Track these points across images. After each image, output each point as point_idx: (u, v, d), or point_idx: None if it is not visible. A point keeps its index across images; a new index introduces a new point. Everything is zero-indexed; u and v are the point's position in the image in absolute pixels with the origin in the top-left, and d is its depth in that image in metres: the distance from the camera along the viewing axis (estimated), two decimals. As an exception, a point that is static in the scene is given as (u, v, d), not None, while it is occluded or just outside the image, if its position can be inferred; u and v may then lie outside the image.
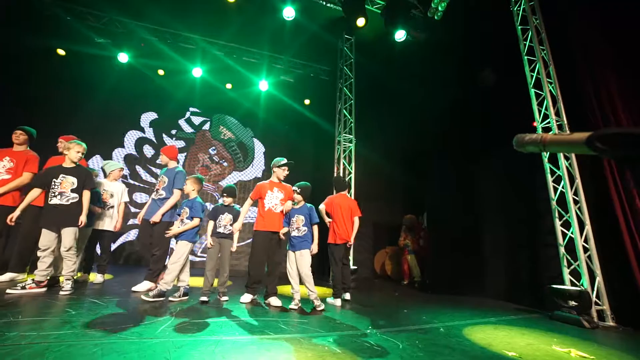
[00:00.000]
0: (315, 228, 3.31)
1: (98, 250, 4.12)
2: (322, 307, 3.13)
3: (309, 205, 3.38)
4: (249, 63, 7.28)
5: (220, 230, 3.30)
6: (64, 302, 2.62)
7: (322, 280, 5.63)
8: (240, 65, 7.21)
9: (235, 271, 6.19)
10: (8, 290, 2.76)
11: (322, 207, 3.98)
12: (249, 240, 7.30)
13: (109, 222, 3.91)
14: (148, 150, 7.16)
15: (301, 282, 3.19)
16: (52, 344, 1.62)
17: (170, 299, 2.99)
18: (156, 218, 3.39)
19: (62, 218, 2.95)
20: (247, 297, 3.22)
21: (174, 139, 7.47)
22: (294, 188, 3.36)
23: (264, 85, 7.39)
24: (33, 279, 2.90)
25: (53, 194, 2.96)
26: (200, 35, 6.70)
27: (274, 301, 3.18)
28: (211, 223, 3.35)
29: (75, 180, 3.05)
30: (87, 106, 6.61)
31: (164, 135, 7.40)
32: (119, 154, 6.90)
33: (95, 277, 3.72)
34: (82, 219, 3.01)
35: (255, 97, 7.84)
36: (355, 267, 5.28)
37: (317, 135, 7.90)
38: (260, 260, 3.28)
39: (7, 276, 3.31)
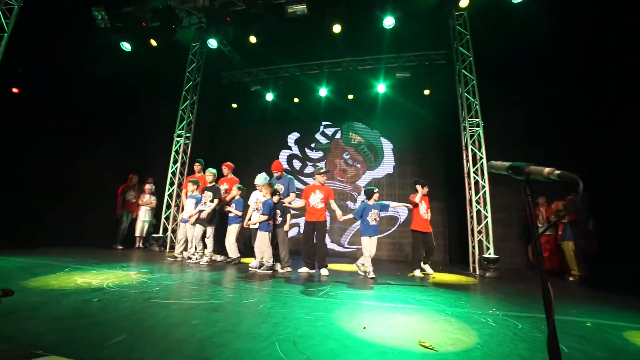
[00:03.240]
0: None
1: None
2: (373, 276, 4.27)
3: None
4: (365, 70, 8.06)
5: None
6: (265, 274, 4.20)
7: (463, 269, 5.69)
8: (357, 75, 8.10)
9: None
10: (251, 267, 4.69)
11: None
12: (387, 233, 8.09)
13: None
14: (297, 164, 9.17)
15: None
16: (270, 294, 2.92)
17: (258, 271, 4.41)
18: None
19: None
20: (304, 270, 4.52)
21: (314, 150, 9.20)
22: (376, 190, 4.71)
23: (381, 88, 7.98)
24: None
25: (203, 204, 5.00)
26: (320, 60, 8.05)
27: (324, 272, 4.43)
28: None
29: (211, 194, 4.94)
30: (252, 137, 9.34)
31: (306, 149, 9.25)
32: (277, 170, 9.20)
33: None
34: (202, 215, 4.90)
35: (376, 99, 8.48)
36: (497, 256, 5.10)
37: (442, 123, 7.79)
38: (308, 243, 4.66)
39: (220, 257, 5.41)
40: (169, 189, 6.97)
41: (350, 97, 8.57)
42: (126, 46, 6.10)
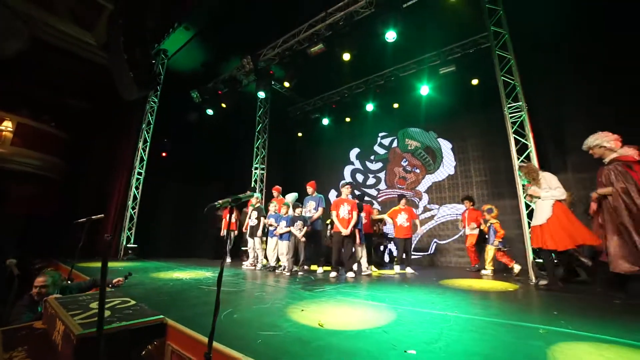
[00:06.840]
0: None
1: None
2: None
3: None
4: (409, 75, 8.40)
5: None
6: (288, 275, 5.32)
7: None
8: (402, 82, 8.51)
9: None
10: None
11: None
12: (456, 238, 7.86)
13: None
14: (360, 177, 10.02)
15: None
16: (280, 287, 4.05)
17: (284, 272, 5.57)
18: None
19: None
20: (333, 274, 5.21)
21: (373, 162, 9.86)
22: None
23: (424, 90, 8.09)
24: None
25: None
26: (365, 77, 8.89)
27: (350, 274, 5.16)
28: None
29: (256, 213, 6.28)
30: (318, 158, 10.86)
31: (366, 162, 10.00)
32: (344, 184, 10.27)
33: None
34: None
35: (428, 101, 8.52)
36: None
37: (496, 112, 7.27)
38: (338, 251, 5.36)
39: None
40: (252, 212, 9.08)
41: (396, 105, 8.92)
42: (210, 112, 8.69)
